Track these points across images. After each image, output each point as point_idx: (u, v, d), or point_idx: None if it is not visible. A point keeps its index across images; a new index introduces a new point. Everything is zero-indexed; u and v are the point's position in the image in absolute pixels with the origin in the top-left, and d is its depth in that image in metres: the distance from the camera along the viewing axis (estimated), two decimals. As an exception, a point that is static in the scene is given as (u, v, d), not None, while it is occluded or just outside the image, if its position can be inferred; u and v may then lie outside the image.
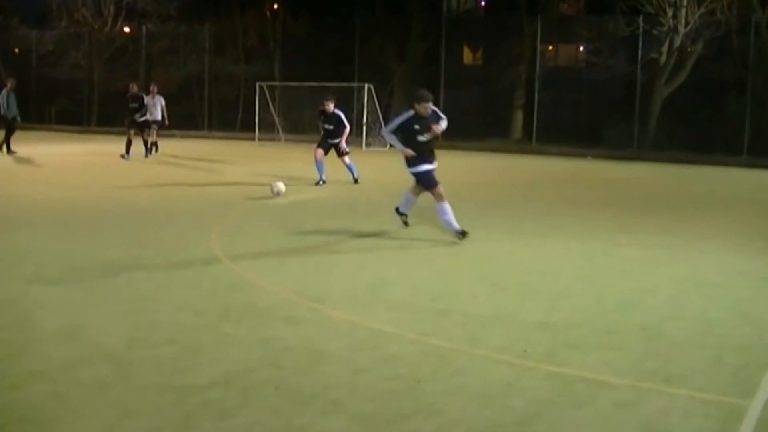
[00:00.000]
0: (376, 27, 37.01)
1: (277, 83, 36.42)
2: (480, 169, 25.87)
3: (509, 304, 9.36)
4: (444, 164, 26.16)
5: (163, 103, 28.62)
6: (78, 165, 24.56)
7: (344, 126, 20.72)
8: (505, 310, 9.10)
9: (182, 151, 29.46)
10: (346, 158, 20.92)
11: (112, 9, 42.69)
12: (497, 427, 5.96)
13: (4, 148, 27.80)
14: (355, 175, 21.06)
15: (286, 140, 34.64)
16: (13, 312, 8.76)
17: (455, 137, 31.54)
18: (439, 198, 12.87)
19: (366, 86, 33.00)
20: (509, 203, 11.54)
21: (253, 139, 34.46)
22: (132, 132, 27.03)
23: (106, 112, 29.82)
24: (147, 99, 28.09)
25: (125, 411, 6.13)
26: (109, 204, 16.67)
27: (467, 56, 42.07)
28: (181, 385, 6.70)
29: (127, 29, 43.49)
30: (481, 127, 33.16)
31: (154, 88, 28.80)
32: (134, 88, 28.23)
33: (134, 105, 27.49)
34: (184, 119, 38.50)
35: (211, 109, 40.09)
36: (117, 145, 28.39)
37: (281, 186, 18.03)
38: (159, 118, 28.28)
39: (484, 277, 10.65)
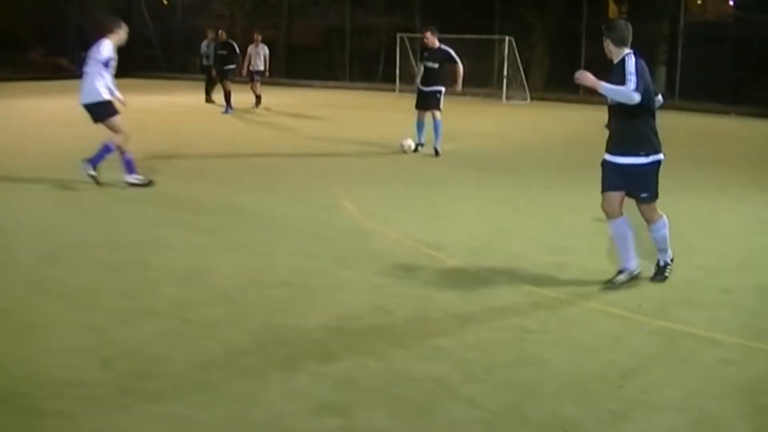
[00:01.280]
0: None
1: (417, 35, 36.36)
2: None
3: (627, 260, 9.24)
4: (577, 118, 26.05)
5: (267, 52, 27.05)
6: (216, 114, 24.97)
7: (454, 62, 16.90)
8: (622, 265, 9.00)
9: (321, 101, 29.67)
10: (438, 113, 16.85)
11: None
12: (598, 379, 5.96)
13: (212, 97, 27.64)
14: (438, 144, 16.82)
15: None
16: (136, 253, 9.10)
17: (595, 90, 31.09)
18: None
19: (507, 39, 32.68)
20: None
21: (394, 90, 34.51)
22: (227, 82, 25.14)
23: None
24: (250, 48, 26.83)
25: (232, 349, 6.35)
26: (242, 153, 17.02)
27: (612, 10, 41.31)
28: (289, 326, 6.87)
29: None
30: (623, 81, 32.60)
31: (257, 36, 27.37)
32: (223, 35, 26.48)
33: (223, 52, 25.84)
34: (325, 70, 38.84)
35: (352, 60, 40.29)
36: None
37: (409, 142, 17.21)
38: (262, 68, 26.79)
39: (604, 232, 10.50)
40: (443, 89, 16.99)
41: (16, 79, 35.70)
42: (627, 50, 8.17)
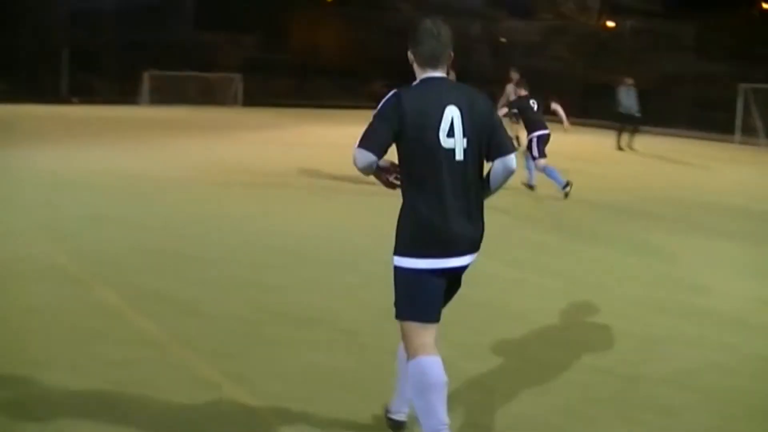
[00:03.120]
0: None
1: (762, 85, 35.01)
2: None
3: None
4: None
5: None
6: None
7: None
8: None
9: (658, 149, 29.00)
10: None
11: (597, 4, 43.21)
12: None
13: (621, 143, 28.05)
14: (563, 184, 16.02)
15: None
16: (489, 290, 9.11)
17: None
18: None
19: None
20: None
21: (731, 141, 33.27)
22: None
23: (586, 104, 29.76)
24: (508, 87, 24.26)
25: (543, 389, 6.40)
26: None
27: None
28: (629, 375, 6.78)
29: (610, 24, 43.75)
30: None
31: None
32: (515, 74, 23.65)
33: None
34: (661, 117, 38.16)
35: (691, 107, 39.31)
36: (605, 138, 28.84)
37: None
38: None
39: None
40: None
41: (357, 107, 37.60)
42: (433, 74, 4.94)
